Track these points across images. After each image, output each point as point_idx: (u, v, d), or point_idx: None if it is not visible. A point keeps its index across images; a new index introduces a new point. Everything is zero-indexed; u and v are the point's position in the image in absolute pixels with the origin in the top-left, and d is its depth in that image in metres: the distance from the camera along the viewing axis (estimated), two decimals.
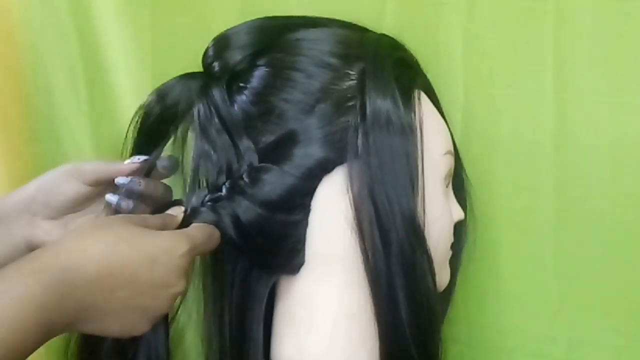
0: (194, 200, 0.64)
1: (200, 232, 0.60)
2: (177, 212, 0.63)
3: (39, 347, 0.51)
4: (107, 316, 0.55)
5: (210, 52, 0.68)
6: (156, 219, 0.61)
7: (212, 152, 0.64)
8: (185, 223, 0.63)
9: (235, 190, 0.63)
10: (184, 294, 0.59)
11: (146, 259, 0.55)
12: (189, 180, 0.66)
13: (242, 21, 0.69)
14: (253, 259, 0.65)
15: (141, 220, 0.59)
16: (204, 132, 0.64)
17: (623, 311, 0.74)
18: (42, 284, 0.50)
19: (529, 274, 0.76)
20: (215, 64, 0.66)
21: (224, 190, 0.63)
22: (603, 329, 0.75)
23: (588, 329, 0.75)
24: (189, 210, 0.64)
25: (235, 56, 0.66)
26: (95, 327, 0.55)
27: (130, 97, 0.82)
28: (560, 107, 0.73)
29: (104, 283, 0.53)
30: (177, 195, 0.70)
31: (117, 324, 0.56)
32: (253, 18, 0.69)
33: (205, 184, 0.65)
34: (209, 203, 0.63)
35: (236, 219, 0.62)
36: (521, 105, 0.74)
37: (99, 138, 0.84)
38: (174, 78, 0.69)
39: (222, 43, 0.67)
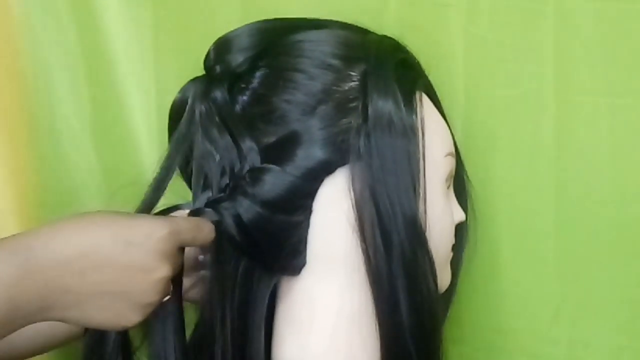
0: (198, 202, 0.64)
1: (185, 220, 0.59)
2: (180, 215, 0.63)
3: (6, 331, 0.49)
4: (86, 302, 0.53)
5: (212, 55, 0.67)
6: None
7: (215, 153, 0.64)
8: None
9: (238, 190, 0.63)
10: (169, 280, 0.57)
11: (120, 241, 0.53)
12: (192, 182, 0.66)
13: (244, 21, 0.69)
14: (254, 260, 0.65)
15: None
16: (205, 133, 0.64)
17: (624, 311, 0.74)
18: (1, 258, 0.49)
19: (529, 274, 0.76)
20: (217, 67, 0.66)
21: (227, 190, 0.63)
22: (604, 330, 0.75)
23: (589, 329, 0.75)
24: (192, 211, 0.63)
25: (237, 58, 0.66)
26: (78, 315, 0.53)
27: (132, 98, 0.82)
28: (561, 108, 0.73)
29: (74, 265, 0.51)
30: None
31: (101, 312, 0.53)
32: (254, 18, 0.69)
33: (209, 185, 0.65)
34: (212, 204, 0.63)
35: (238, 220, 0.62)
36: (522, 106, 0.74)
37: (100, 139, 0.84)
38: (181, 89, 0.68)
39: (223, 46, 0.67)
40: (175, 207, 0.65)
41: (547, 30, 0.72)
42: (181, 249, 0.60)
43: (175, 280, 0.60)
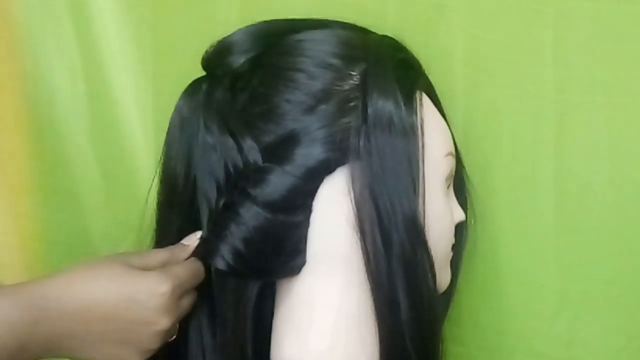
0: (211, 212, 0.65)
1: (186, 270, 0.63)
2: (192, 240, 0.65)
3: None
4: (90, 347, 0.58)
5: (213, 56, 0.68)
6: (160, 255, 0.64)
7: (217, 154, 0.64)
8: (199, 250, 0.65)
9: (243, 193, 0.63)
10: (172, 330, 0.62)
11: (124, 297, 0.58)
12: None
13: (243, 21, 0.69)
14: (257, 267, 0.65)
15: (139, 259, 0.62)
16: (207, 132, 0.65)
17: (623, 311, 0.75)
18: (18, 306, 0.55)
19: (529, 274, 0.76)
20: (218, 67, 0.67)
21: (234, 194, 0.64)
22: (603, 329, 0.75)
23: (588, 329, 0.75)
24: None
25: (238, 59, 0.66)
26: (82, 356, 0.59)
27: (130, 97, 0.82)
28: (560, 108, 0.73)
29: (80, 316, 0.57)
30: None
31: (104, 356, 0.59)
32: (254, 18, 0.69)
33: (221, 190, 0.65)
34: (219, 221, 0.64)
35: (245, 233, 0.63)
36: (521, 106, 0.74)
37: (98, 139, 0.84)
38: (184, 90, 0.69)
39: (224, 47, 0.68)
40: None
41: (547, 31, 0.72)
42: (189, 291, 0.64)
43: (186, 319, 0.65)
